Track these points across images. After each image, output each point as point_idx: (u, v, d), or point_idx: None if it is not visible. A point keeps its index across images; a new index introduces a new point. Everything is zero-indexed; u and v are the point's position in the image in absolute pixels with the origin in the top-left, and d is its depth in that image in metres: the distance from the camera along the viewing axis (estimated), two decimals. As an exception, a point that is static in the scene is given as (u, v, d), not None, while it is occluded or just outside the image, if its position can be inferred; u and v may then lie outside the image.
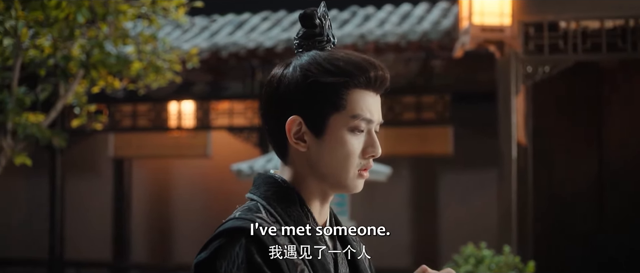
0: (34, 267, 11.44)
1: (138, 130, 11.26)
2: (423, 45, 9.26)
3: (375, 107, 1.66)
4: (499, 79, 8.16)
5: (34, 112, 7.89)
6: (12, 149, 7.65)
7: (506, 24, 7.94)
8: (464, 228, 9.67)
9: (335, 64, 1.62)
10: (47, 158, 11.21)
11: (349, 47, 9.37)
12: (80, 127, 8.81)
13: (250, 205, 1.63)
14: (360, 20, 10.41)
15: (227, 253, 1.51)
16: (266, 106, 1.67)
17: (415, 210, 10.58)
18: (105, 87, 8.30)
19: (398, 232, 10.32)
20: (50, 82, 8.08)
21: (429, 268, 1.62)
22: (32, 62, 7.78)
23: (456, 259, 6.21)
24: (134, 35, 8.53)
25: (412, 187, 10.62)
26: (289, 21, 10.72)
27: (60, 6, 7.25)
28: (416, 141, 10.26)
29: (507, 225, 7.69)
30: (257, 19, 11.09)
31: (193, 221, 11.05)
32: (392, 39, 9.32)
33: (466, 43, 8.04)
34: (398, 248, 10.28)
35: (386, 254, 10.20)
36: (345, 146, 1.62)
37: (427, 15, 10.12)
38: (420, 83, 9.86)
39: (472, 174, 10.08)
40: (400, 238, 10.34)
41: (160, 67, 8.16)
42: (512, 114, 7.99)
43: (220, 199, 10.69)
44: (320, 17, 1.71)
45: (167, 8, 8.24)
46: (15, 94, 7.45)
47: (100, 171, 11.78)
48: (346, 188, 1.66)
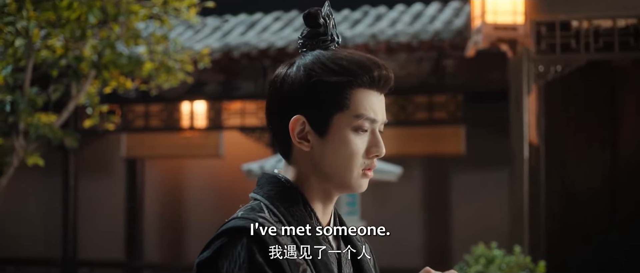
0: (48, 266, 11.48)
1: (150, 130, 11.29)
2: (435, 44, 9.24)
3: (379, 107, 1.65)
4: (511, 79, 8.14)
5: (46, 112, 7.92)
6: (25, 149, 7.68)
7: (519, 22, 7.92)
8: (476, 228, 9.65)
9: (339, 63, 1.62)
10: (60, 158, 11.25)
11: (361, 47, 9.36)
12: (93, 127, 8.82)
13: (253, 204, 1.63)
14: (372, 20, 10.40)
15: (229, 253, 1.51)
16: (270, 106, 1.67)
17: (427, 210, 10.56)
18: (117, 88, 8.33)
19: (410, 232, 10.30)
20: (63, 82, 8.09)
21: (433, 269, 1.61)
22: (44, 63, 7.81)
23: (467, 259, 6.19)
24: (146, 35, 8.55)
25: (424, 187, 10.60)
26: (300, 21, 10.70)
27: (71, 7, 7.27)
28: (428, 141, 10.24)
29: (519, 224, 7.67)
30: (269, 19, 11.10)
31: (205, 221, 11.06)
32: (404, 38, 9.30)
33: (479, 42, 8.02)
34: (410, 248, 10.26)
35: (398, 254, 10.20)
36: (348, 145, 1.62)
37: (439, 15, 10.09)
38: (432, 83, 9.83)
39: (485, 174, 10.06)
40: (412, 238, 10.32)
41: (171, 68, 8.17)
42: (523, 114, 7.96)
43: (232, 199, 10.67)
44: (324, 17, 1.70)
45: (178, 8, 8.25)
46: (27, 94, 7.48)
47: (113, 171, 11.81)
48: (350, 188, 1.65)
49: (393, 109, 10.22)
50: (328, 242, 1.67)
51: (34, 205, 11.96)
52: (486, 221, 9.68)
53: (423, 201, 10.59)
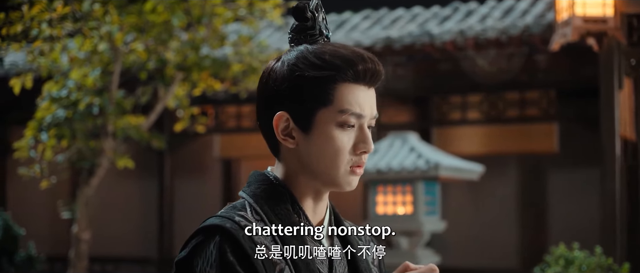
0: (145, 265, 11.76)
1: (243, 131, 11.41)
2: (524, 39, 9.01)
3: (367, 101, 1.59)
4: (601, 73, 7.86)
5: (136, 115, 8.10)
6: (114, 151, 7.87)
7: (609, 14, 7.64)
8: (572, 228, 9.37)
9: (322, 57, 1.58)
10: (155, 160, 11.51)
11: (448, 44, 9.23)
12: (186, 129, 8.97)
13: (237, 202, 1.62)
14: (462, 15, 10.22)
15: (202, 251, 1.50)
16: (257, 102, 1.65)
17: (520, 209, 10.31)
18: (206, 90, 8.44)
19: (503, 232, 10.09)
20: (151, 85, 8.26)
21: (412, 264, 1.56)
22: (132, 67, 7.99)
23: (547, 260, 6.02)
24: (232, 37, 8.64)
25: (518, 186, 10.35)
26: (389, 19, 10.64)
27: (156, 10, 7.41)
28: (520, 138, 10.01)
29: (611, 224, 7.38)
30: (358, 18, 11.06)
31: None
32: (492, 34, 9.11)
33: (567, 35, 7.77)
34: (503, 248, 10.05)
35: (491, 255, 10.01)
36: (333, 142, 1.57)
37: (531, 9, 9.84)
38: (524, 79, 9.60)
39: (579, 172, 9.75)
40: (506, 239, 10.10)
41: (256, 69, 8.23)
42: (615, 109, 7.66)
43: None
44: (312, 10, 1.65)
45: (264, 9, 8.30)
46: (115, 97, 7.66)
47: (208, 172, 11.99)
48: (338, 186, 1.61)
49: (483, 107, 10.03)
50: (317, 241, 1.62)
51: (131, 205, 12.27)
52: (581, 221, 9.39)
53: (516, 201, 10.34)
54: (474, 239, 9.94)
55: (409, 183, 7.04)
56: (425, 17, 10.42)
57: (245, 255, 1.48)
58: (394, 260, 7.05)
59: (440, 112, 10.25)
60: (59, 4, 6.94)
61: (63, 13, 6.94)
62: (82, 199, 7.84)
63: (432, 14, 10.54)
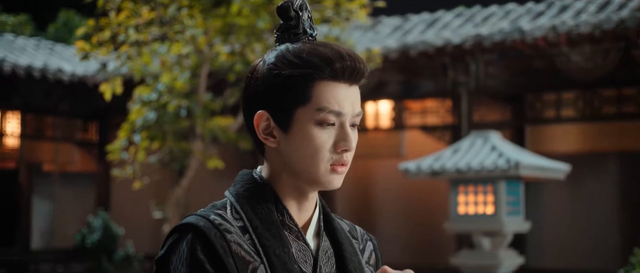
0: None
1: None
2: (619, 34, 8.73)
3: (347, 99, 1.58)
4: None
5: (224, 116, 8.24)
6: (203, 152, 8.03)
7: None
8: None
9: (299, 56, 1.57)
10: (245, 160, 11.67)
11: (539, 40, 9.03)
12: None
13: (218, 202, 1.64)
14: (556, 11, 9.99)
15: (176, 249, 1.52)
16: (241, 101, 1.67)
17: (621, 208, 9.99)
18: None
19: (603, 232, 9.80)
20: (239, 87, 8.38)
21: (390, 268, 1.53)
22: (220, 69, 8.13)
23: (632, 261, 5.81)
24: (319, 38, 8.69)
25: (615, 185, 10.03)
26: (481, 17, 10.49)
27: (241, 13, 7.52)
28: (618, 136, 9.70)
29: None
30: (450, 16, 10.95)
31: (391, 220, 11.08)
32: (585, 29, 8.86)
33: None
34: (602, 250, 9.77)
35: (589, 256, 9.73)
36: (312, 140, 1.57)
37: (628, 2, 9.52)
38: (621, 75, 9.30)
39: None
40: (605, 239, 9.81)
41: (342, 69, 8.24)
42: None
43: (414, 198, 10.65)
44: (295, 9, 1.65)
45: (350, 10, 8.32)
46: (202, 100, 7.81)
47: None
48: (320, 185, 1.60)
49: (579, 104, 9.77)
50: (301, 240, 1.62)
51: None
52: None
53: (617, 200, 10.02)
54: (570, 239, 9.70)
55: (490, 182, 6.90)
56: (518, 13, 10.22)
57: (216, 253, 1.49)
58: (476, 261, 6.95)
59: (534, 110, 10.04)
60: (146, 9, 7.13)
61: (149, 18, 7.12)
62: (172, 199, 8.03)
63: (526, 10, 10.34)
